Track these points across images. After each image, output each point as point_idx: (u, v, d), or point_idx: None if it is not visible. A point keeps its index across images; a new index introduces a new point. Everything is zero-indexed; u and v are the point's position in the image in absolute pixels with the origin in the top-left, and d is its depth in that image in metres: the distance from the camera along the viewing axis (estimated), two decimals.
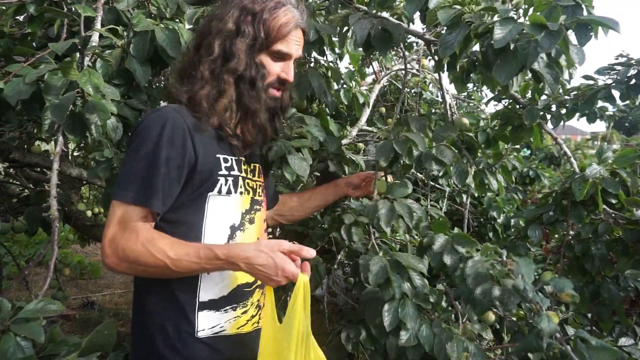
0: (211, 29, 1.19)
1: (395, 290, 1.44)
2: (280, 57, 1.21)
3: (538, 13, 1.20)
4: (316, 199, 1.69)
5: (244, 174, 1.22)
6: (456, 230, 1.84)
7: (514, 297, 1.26)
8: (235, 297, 1.18)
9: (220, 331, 1.15)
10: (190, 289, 1.12)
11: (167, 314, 1.12)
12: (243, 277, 1.19)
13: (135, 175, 1.05)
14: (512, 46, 1.20)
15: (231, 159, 1.18)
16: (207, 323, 1.13)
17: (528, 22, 1.17)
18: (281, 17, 1.18)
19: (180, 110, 1.12)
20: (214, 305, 1.14)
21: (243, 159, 1.23)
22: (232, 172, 1.17)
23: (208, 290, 1.13)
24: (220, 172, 1.14)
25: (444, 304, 1.65)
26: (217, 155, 1.15)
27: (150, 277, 1.09)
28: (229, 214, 1.17)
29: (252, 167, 1.27)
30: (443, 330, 1.49)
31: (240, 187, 1.20)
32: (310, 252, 1.06)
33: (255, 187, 1.27)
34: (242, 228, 1.20)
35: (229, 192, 1.16)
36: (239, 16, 1.17)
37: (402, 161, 1.64)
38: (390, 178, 1.82)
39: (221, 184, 1.14)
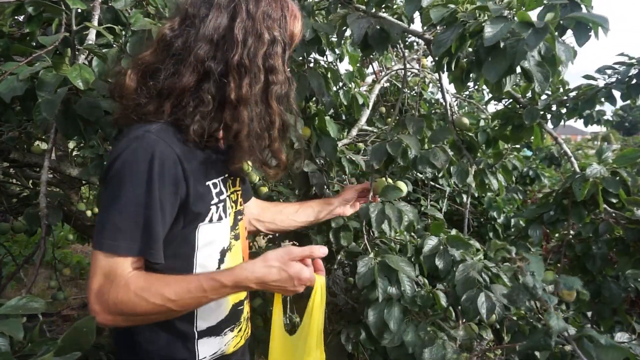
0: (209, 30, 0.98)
1: (379, 293, 1.43)
2: None
3: (532, 12, 1.20)
4: (304, 213, 1.52)
5: (228, 192, 1.12)
6: (454, 231, 1.84)
7: (523, 295, 1.26)
8: (232, 318, 1.13)
9: (221, 354, 1.10)
10: (186, 318, 1.03)
11: (162, 344, 1.03)
12: (236, 297, 1.14)
13: (125, 221, 0.90)
14: (502, 44, 1.20)
15: (219, 182, 1.08)
16: (207, 350, 1.07)
17: (517, 21, 1.17)
18: (299, 25, 1.09)
19: (167, 135, 0.95)
20: (214, 331, 1.08)
21: (227, 174, 1.12)
22: (221, 197, 1.07)
23: (205, 318, 1.06)
24: (212, 202, 1.04)
25: (444, 303, 1.65)
26: (207, 183, 1.04)
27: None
28: (219, 239, 1.08)
29: (232, 179, 1.17)
30: (427, 333, 1.49)
31: (228, 208, 1.11)
32: (322, 250, 0.99)
33: (236, 198, 1.18)
34: (230, 248, 1.12)
35: (220, 219, 1.06)
36: (262, 21, 0.99)
37: (398, 163, 1.64)
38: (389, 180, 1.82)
39: (212, 213, 1.04)
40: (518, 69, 1.27)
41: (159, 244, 0.93)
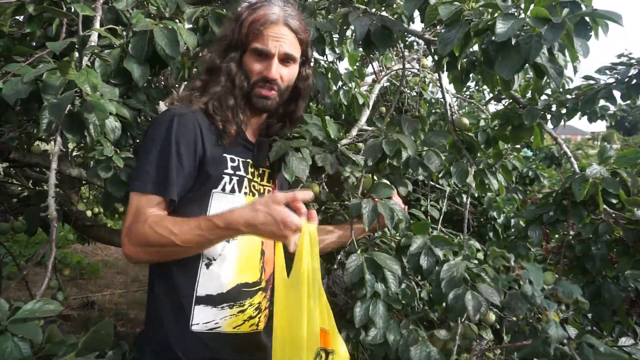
0: None
1: (367, 290, 1.43)
2: (260, 55, 1.20)
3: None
4: (335, 235, 1.56)
5: (250, 176, 1.24)
6: (435, 233, 1.83)
7: (521, 303, 1.25)
8: (233, 296, 1.19)
9: (215, 327, 1.16)
10: (189, 281, 1.16)
11: (168, 304, 1.15)
12: (244, 277, 1.20)
13: (149, 165, 1.11)
14: (513, 41, 1.20)
15: (238, 160, 1.22)
16: (202, 317, 1.15)
17: (530, 16, 1.17)
18: (254, 15, 1.19)
19: (195, 110, 1.17)
20: (211, 300, 1.16)
21: (250, 161, 1.25)
22: (237, 172, 1.20)
23: (206, 285, 1.16)
24: (226, 171, 1.18)
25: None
26: (224, 155, 1.19)
27: (165, 260, 1.13)
28: None
29: (260, 171, 1.29)
30: (410, 332, 1.48)
31: (245, 187, 1.22)
32: (306, 194, 1.03)
33: (262, 190, 1.29)
34: None
35: (232, 191, 1.19)
36: (229, 24, 1.25)
37: (390, 162, 1.63)
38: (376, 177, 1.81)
39: (225, 182, 1.18)
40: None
41: (174, 186, 1.11)
